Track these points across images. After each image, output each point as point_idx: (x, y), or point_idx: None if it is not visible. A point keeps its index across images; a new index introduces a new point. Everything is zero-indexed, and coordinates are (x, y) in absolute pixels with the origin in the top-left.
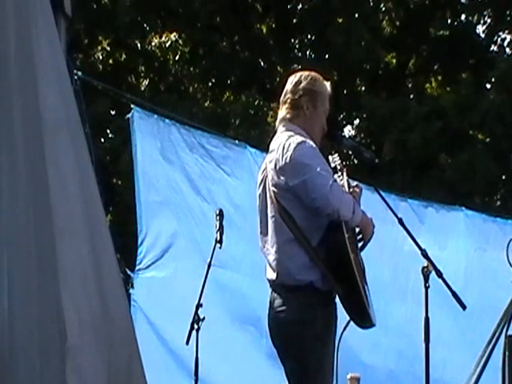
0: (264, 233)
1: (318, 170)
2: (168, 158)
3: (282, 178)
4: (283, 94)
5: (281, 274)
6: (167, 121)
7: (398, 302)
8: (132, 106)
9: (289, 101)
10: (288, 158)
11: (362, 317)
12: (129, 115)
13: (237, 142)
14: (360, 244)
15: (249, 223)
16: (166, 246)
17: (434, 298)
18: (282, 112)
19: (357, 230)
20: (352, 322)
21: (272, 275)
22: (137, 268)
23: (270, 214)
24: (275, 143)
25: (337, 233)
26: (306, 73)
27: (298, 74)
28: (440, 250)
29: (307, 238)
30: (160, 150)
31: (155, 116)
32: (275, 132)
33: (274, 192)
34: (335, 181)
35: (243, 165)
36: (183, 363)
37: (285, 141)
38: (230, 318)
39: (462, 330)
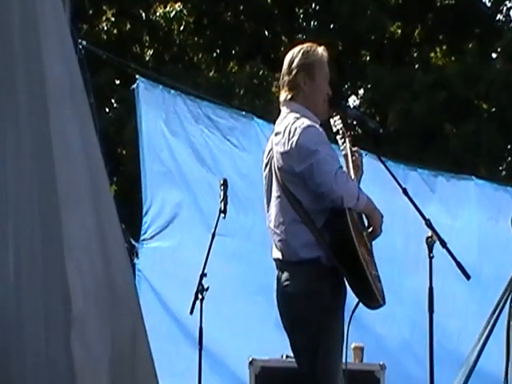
0: (269, 212)
1: (324, 155)
2: (173, 129)
3: (287, 162)
4: (281, 78)
5: (286, 253)
6: (172, 91)
7: (411, 271)
8: (137, 76)
9: (286, 83)
10: (294, 143)
11: (370, 298)
12: (134, 86)
13: (243, 113)
14: (370, 230)
15: (257, 192)
16: (171, 216)
17: (450, 268)
18: (283, 95)
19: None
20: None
21: (278, 254)
22: (141, 238)
23: (275, 194)
24: (281, 125)
25: (340, 218)
26: (297, 48)
27: (290, 53)
28: (453, 220)
29: (312, 220)
30: (165, 120)
31: (160, 87)
32: (279, 113)
33: (280, 176)
34: (340, 167)
35: (250, 136)
36: (188, 332)
37: (291, 124)
38: (236, 288)
39: (477, 300)
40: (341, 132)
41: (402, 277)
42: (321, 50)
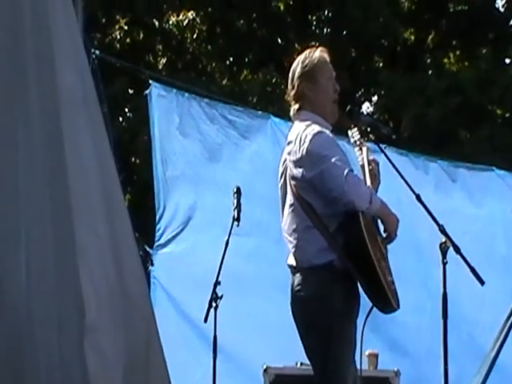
0: (283, 221)
1: (334, 160)
2: (187, 131)
3: (299, 169)
4: (287, 95)
5: (299, 259)
6: (187, 94)
7: (438, 263)
8: (150, 81)
9: (292, 96)
10: (305, 150)
11: (383, 302)
12: (147, 91)
13: (259, 112)
14: (385, 235)
15: (274, 190)
16: (185, 219)
17: (479, 260)
18: (292, 108)
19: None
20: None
21: (292, 261)
22: (156, 244)
23: (289, 203)
24: (293, 134)
25: (353, 222)
26: (296, 61)
27: (291, 70)
28: (477, 208)
29: (325, 225)
30: (178, 124)
31: (174, 90)
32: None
33: (293, 185)
34: (351, 170)
35: (267, 133)
36: (205, 338)
37: (302, 132)
38: (254, 287)
39: (509, 291)
40: (358, 143)
41: (430, 269)
42: (318, 52)
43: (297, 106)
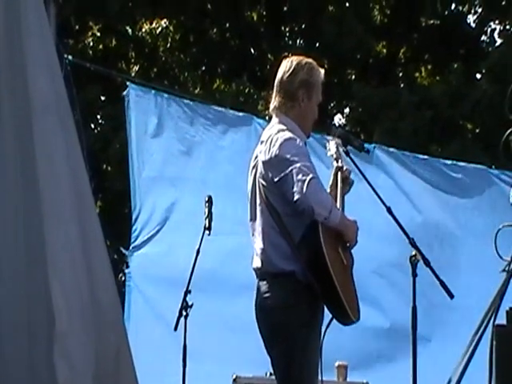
0: (253, 219)
1: (300, 165)
2: (165, 131)
3: (268, 171)
4: (278, 80)
5: (265, 263)
6: (166, 95)
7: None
8: (128, 83)
9: (284, 90)
10: (273, 154)
11: (342, 315)
12: (124, 93)
13: (241, 114)
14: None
15: None
16: (161, 220)
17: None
18: (277, 100)
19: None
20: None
21: (258, 263)
22: (132, 246)
23: (258, 201)
24: (266, 134)
25: (313, 237)
26: (303, 61)
27: (294, 62)
28: (467, 200)
29: (290, 234)
30: (156, 124)
31: (153, 91)
32: (270, 119)
33: (262, 185)
34: (314, 178)
35: (250, 133)
36: (181, 340)
37: (274, 134)
38: (231, 286)
39: None
40: (335, 156)
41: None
42: (322, 72)
43: (284, 107)
